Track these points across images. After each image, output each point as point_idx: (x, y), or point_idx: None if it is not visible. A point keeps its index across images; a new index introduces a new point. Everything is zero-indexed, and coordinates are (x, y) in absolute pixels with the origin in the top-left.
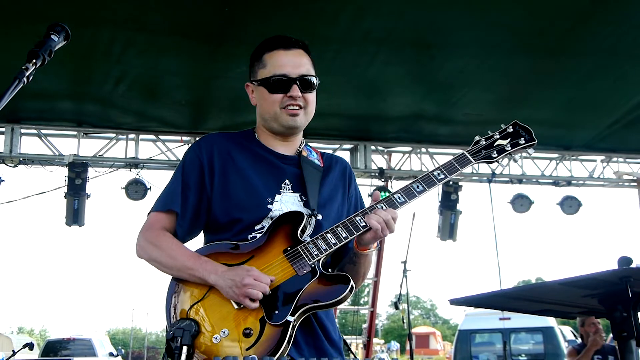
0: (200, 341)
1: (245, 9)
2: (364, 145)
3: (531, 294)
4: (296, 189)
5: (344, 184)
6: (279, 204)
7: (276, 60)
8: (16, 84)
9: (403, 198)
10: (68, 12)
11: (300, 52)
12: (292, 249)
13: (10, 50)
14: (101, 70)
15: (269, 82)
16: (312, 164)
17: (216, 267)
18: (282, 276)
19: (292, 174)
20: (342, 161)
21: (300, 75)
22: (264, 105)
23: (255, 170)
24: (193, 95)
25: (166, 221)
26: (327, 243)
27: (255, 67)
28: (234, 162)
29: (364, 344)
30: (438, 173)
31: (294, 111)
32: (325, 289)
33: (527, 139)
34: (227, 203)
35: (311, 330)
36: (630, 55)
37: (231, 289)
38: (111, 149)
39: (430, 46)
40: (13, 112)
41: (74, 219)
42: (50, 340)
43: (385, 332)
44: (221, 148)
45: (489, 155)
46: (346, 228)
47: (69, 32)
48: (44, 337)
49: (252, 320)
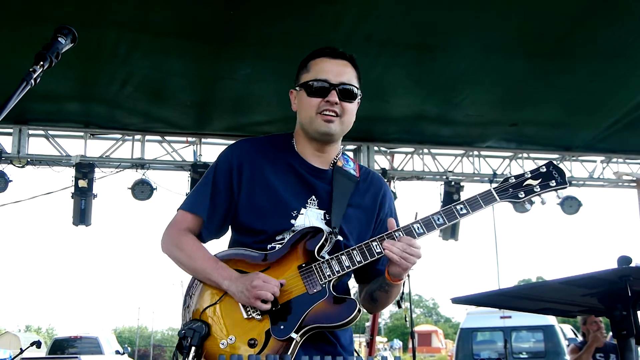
0: (208, 344)
1: (250, 11)
2: (367, 146)
3: (532, 293)
4: (322, 206)
5: (374, 207)
6: (302, 218)
7: (320, 66)
8: (24, 85)
9: (422, 229)
10: (74, 15)
11: (346, 62)
12: (306, 266)
13: (17, 52)
14: (107, 72)
15: (309, 85)
16: (347, 174)
17: (230, 273)
18: (293, 292)
19: (321, 190)
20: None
21: (341, 82)
22: (301, 109)
23: (285, 182)
24: (198, 96)
25: (192, 222)
26: (341, 265)
27: (300, 73)
28: (263, 171)
29: (367, 342)
30: (461, 208)
31: (329, 117)
32: (331, 311)
33: (558, 182)
34: (251, 212)
35: (326, 340)
36: (629, 57)
37: (242, 293)
38: (117, 150)
39: (431, 48)
40: (21, 114)
41: (81, 218)
42: (58, 339)
43: (388, 331)
44: (253, 156)
45: (515, 195)
46: (361, 252)
47: (76, 35)
48: (51, 335)
49: (259, 331)
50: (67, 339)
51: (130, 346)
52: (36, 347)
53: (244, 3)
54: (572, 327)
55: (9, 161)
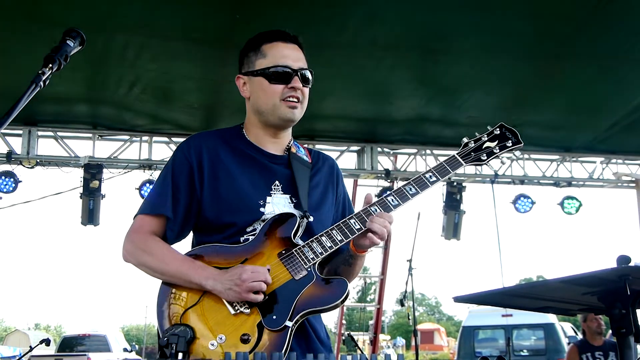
0: (195, 347)
1: (256, 15)
2: (370, 147)
3: (533, 292)
4: (286, 190)
5: (332, 184)
6: (270, 206)
7: (277, 51)
8: (33, 87)
9: (396, 201)
10: (83, 18)
11: (297, 47)
12: (287, 252)
13: (26, 55)
14: (115, 74)
15: (270, 72)
16: (301, 160)
17: (211, 272)
18: (278, 280)
19: (282, 175)
20: (330, 159)
21: (301, 67)
22: (262, 96)
23: (245, 171)
24: (205, 98)
25: (155, 225)
26: (323, 246)
27: (250, 57)
28: (223, 163)
29: (371, 340)
30: (430, 175)
31: (293, 103)
32: (322, 293)
33: (513, 142)
34: (218, 206)
35: (303, 333)
36: (628, 59)
37: (231, 290)
38: (125, 151)
39: (435, 51)
40: (30, 115)
41: (89, 218)
42: (66, 336)
43: (392, 329)
44: (210, 148)
45: (478, 158)
46: (341, 231)
47: (84, 38)
48: (60, 333)
49: (250, 325)
50: (75, 337)
51: (138, 344)
52: (45, 345)
53: (250, 7)
54: (572, 325)
55: (18, 162)
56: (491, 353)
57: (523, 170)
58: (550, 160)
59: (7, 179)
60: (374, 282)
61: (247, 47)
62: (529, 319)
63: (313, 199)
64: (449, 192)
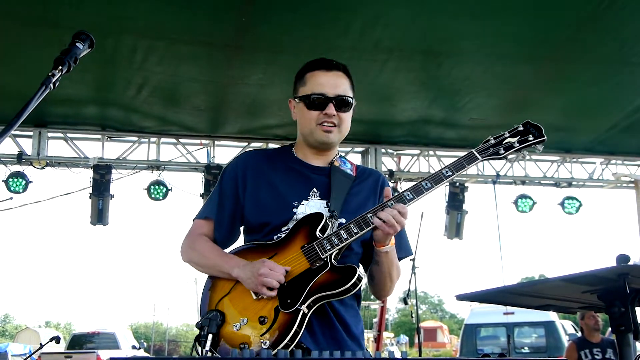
0: (224, 330)
1: (261, 19)
2: (374, 148)
3: (534, 290)
4: (324, 197)
5: (375, 195)
6: (304, 208)
7: (316, 79)
8: (43, 89)
9: (412, 195)
10: (92, 21)
11: (340, 74)
12: (308, 245)
13: (37, 57)
14: (124, 76)
15: (308, 99)
16: (343, 173)
17: (238, 262)
18: (297, 269)
19: (320, 183)
20: (377, 173)
21: (337, 95)
22: (302, 120)
23: (285, 179)
24: (211, 100)
25: (205, 228)
26: (340, 238)
27: (297, 84)
28: (265, 175)
29: (375, 338)
30: (446, 171)
31: (328, 128)
32: (333, 279)
33: (536, 136)
34: (256, 208)
35: (329, 322)
36: (627, 62)
37: (250, 280)
38: (134, 152)
39: (437, 54)
40: (40, 117)
41: (99, 218)
42: (76, 334)
43: (395, 326)
44: (255, 164)
45: (496, 152)
46: (357, 225)
47: (94, 40)
48: (69, 331)
49: (268, 309)
50: (85, 335)
51: (146, 341)
52: (55, 342)
53: (256, 11)
54: (572, 323)
55: (29, 163)
56: (493, 350)
57: (524, 170)
58: (550, 161)
59: (18, 180)
60: None
61: (297, 74)
62: (530, 316)
63: (350, 205)
64: (452, 192)
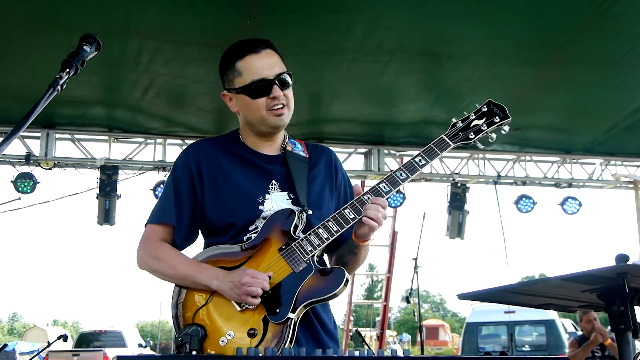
0: (208, 345)
1: (266, 21)
2: (377, 149)
3: (534, 289)
4: (284, 188)
5: (330, 175)
6: (269, 203)
7: (250, 65)
8: (51, 91)
9: (388, 187)
10: (99, 24)
11: (269, 52)
12: (286, 247)
13: (45, 59)
14: (130, 78)
15: (250, 88)
16: (298, 156)
17: (217, 273)
18: (279, 275)
19: (278, 174)
20: (327, 151)
21: (277, 74)
22: (248, 111)
23: (243, 173)
24: (216, 101)
25: (162, 232)
26: (320, 238)
27: (229, 76)
28: (221, 168)
29: (378, 336)
30: (419, 159)
31: (280, 111)
32: (321, 284)
33: (501, 117)
34: (219, 208)
35: (309, 323)
36: (626, 65)
37: (232, 291)
38: (140, 153)
39: (439, 56)
40: (48, 118)
41: (105, 218)
42: (83, 332)
43: (398, 325)
44: (208, 155)
45: (466, 137)
46: (337, 222)
47: (101, 43)
48: (77, 329)
49: (256, 320)
50: (92, 333)
51: (152, 340)
52: (63, 341)
53: (261, 14)
54: (572, 321)
55: (37, 163)
56: (494, 348)
57: (525, 171)
58: (551, 161)
59: (26, 180)
60: (380, 280)
61: (222, 64)
62: (531, 315)
63: (312, 193)
64: (454, 192)
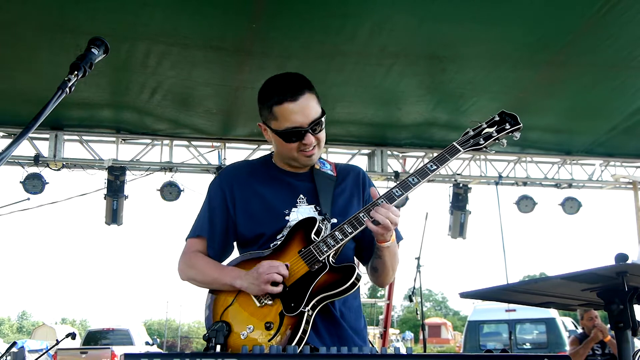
0: (231, 339)
1: (272, 25)
2: (380, 150)
3: (534, 288)
4: (311, 201)
5: (358, 188)
6: (295, 214)
7: (285, 113)
8: (59, 93)
9: (400, 191)
10: (107, 28)
11: (306, 96)
12: (305, 249)
13: (53, 62)
14: (138, 81)
15: (284, 133)
16: (325, 175)
17: (239, 272)
18: (297, 273)
19: (305, 189)
20: (356, 168)
21: (311, 122)
22: (281, 149)
23: (272, 189)
24: (222, 104)
25: (198, 245)
26: (335, 239)
27: (265, 114)
28: (252, 187)
29: (381, 334)
30: (431, 165)
31: (310, 152)
32: (334, 279)
33: (512, 124)
34: (249, 221)
35: (333, 321)
36: (626, 67)
37: (253, 284)
38: (147, 154)
39: (441, 59)
40: (57, 120)
41: (113, 218)
42: (91, 330)
43: (401, 323)
44: (240, 177)
45: (476, 143)
46: (351, 224)
47: (108, 46)
48: (85, 327)
49: (273, 314)
50: (100, 331)
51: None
52: (71, 339)
53: (266, 18)
54: (572, 319)
55: (45, 164)
56: (495, 346)
57: (526, 172)
58: (551, 162)
59: (35, 181)
60: None
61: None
62: (531, 313)
63: (337, 205)
64: (455, 193)
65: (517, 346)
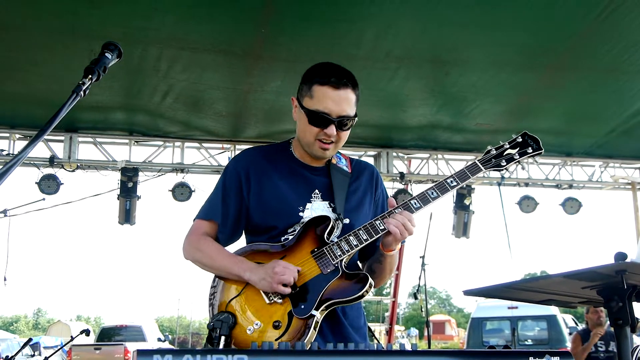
0: (236, 332)
1: (280, 29)
2: (386, 152)
3: (536, 286)
4: (325, 197)
5: (371, 188)
6: (309, 211)
7: (323, 96)
8: (74, 97)
9: (419, 204)
10: (120, 32)
11: (347, 91)
12: (318, 250)
13: (68, 66)
14: (150, 84)
15: (312, 114)
16: (341, 170)
17: (250, 265)
18: (309, 274)
19: (321, 184)
20: (370, 167)
21: (340, 116)
22: (302, 128)
23: (288, 181)
24: (232, 107)
25: (208, 228)
26: (350, 245)
27: (304, 90)
28: (268, 175)
29: (386, 331)
30: (451, 180)
31: (326, 145)
32: (346, 286)
33: (534, 148)
34: (263, 211)
35: (335, 320)
36: (625, 71)
37: (264, 280)
38: (159, 155)
39: (445, 63)
40: (71, 123)
41: (126, 218)
42: (105, 327)
43: (406, 320)
44: (257, 162)
45: (498, 164)
46: (367, 231)
47: (122, 51)
48: (99, 324)
49: (281, 313)
50: (113, 328)
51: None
52: (85, 335)
53: (274, 22)
54: (573, 316)
55: (60, 166)
56: (498, 342)
57: (527, 173)
58: (552, 164)
59: (50, 182)
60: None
61: (306, 75)
62: (533, 311)
63: (350, 204)
64: (459, 193)
65: (519, 342)
